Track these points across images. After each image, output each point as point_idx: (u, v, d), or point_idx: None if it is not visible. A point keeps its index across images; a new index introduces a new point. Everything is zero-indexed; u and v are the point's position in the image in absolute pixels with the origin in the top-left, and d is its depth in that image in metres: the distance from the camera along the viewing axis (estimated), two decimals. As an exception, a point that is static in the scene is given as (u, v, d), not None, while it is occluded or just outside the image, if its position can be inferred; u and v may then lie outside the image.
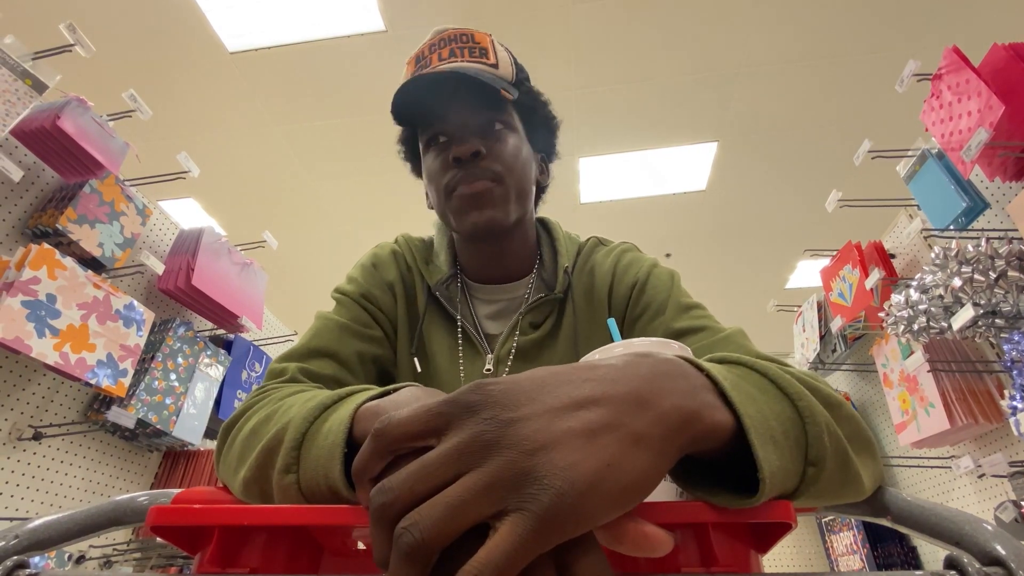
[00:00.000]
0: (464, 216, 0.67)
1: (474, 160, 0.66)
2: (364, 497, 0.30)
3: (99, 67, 2.93)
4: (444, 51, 0.68)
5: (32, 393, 1.64)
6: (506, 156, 0.68)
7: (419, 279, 0.77)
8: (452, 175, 0.67)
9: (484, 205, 0.66)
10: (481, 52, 0.69)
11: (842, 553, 2.37)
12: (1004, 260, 1.35)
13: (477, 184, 0.66)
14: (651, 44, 2.95)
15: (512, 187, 0.68)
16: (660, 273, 0.73)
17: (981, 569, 0.30)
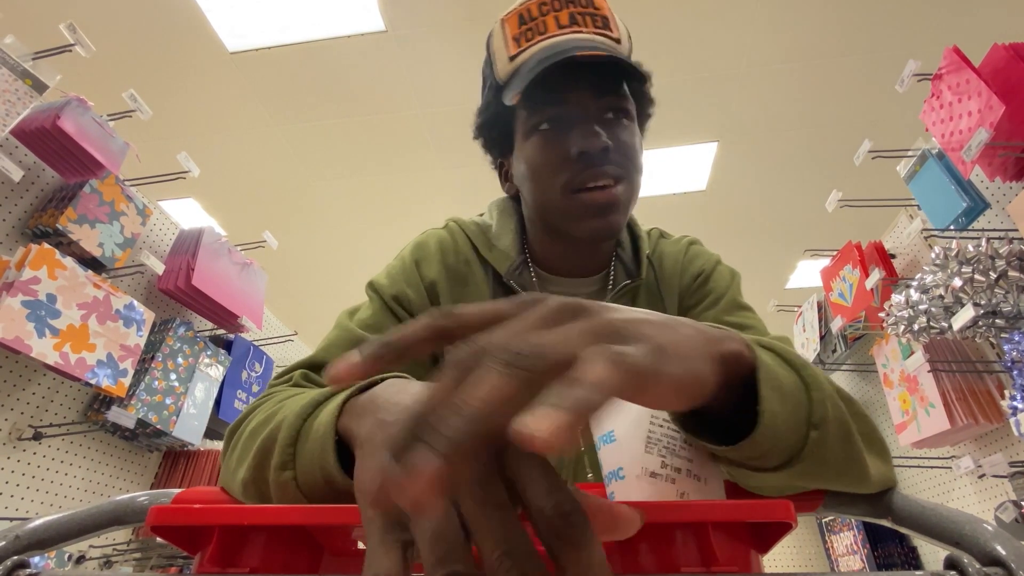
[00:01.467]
0: (583, 222, 0.60)
1: (603, 157, 0.58)
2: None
3: (99, 67, 2.93)
4: (562, 15, 0.58)
5: (32, 393, 1.64)
6: (630, 151, 0.62)
7: (479, 267, 0.68)
8: (574, 172, 0.58)
9: (609, 212, 0.59)
10: (604, 22, 0.59)
11: (842, 553, 2.37)
12: (1004, 260, 1.35)
13: (609, 192, 0.59)
14: (651, 44, 2.95)
15: (634, 187, 0.63)
16: (723, 269, 0.72)
17: (981, 569, 0.30)
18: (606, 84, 0.59)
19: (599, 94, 0.59)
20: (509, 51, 0.60)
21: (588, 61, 0.54)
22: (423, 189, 3.96)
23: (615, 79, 0.59)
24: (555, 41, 0.57)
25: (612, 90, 0.59)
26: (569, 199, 0.60)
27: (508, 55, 0.60)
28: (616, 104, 0.60)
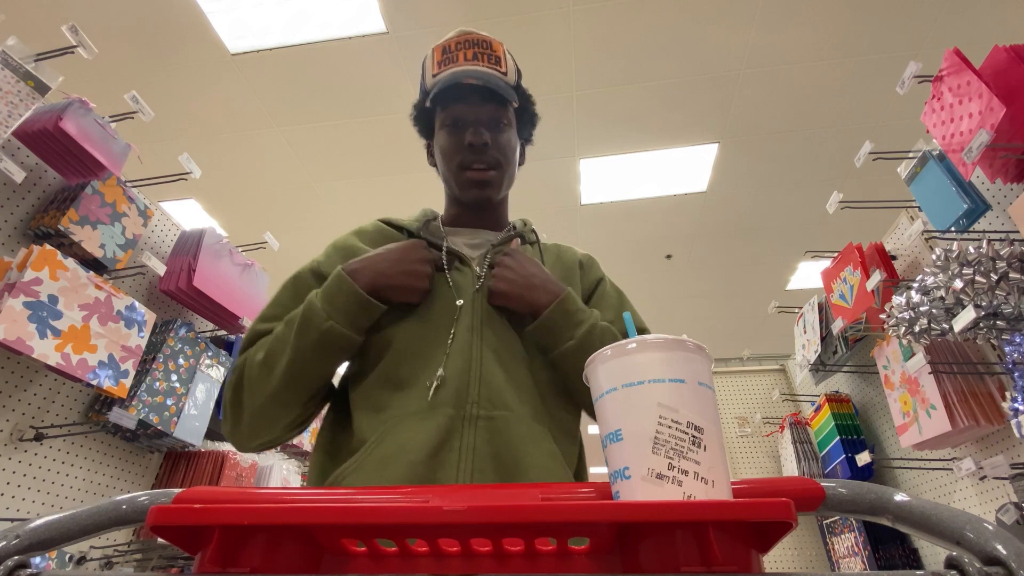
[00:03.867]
0: (468, 191, 0.89)
1: (483, 149, 0.86)
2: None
3: (101, 69, 2.94)
4: (468, 52, 0.87)
5: (33, 394, 1.64)
6: (505, 147, 0.89)
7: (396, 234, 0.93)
8: (464, 156, 0.87)
9: (485, 187, 0.89)
10: (496, 60, 0.88)
11: (843, 555, 2.36)
12: (1005, 262, 1.35)
13: (485, 173, 0.88)
14: (652, 45, 2.96)
15: (506, 172, 0.90)
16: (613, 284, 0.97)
17: (982, 569, 0.30)
18: (488, 100, 0.87)
19: (489, 109, 0.87)
20: (433, 71, 0.88)
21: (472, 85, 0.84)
22: (423, 190, 3.97)
23: (500, 101, 0.87)
24: (460, 69, 0.85)
25: (492, 104, 0.87)
26: (460, 175, 0.89)
27: (432, 73, 0.88)
28: (496, 114, 0.87)
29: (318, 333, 0.71)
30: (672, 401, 0.37)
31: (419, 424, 0.68)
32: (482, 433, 0.69)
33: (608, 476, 0.40)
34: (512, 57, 0.92)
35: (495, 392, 0.72)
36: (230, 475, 2.04)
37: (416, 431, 0.68)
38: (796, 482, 0.43)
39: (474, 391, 0.72)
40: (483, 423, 0.69)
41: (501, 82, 0.85)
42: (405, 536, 0.37)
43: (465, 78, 0.82)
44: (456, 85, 0.83)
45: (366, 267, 0.76)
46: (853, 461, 2.21)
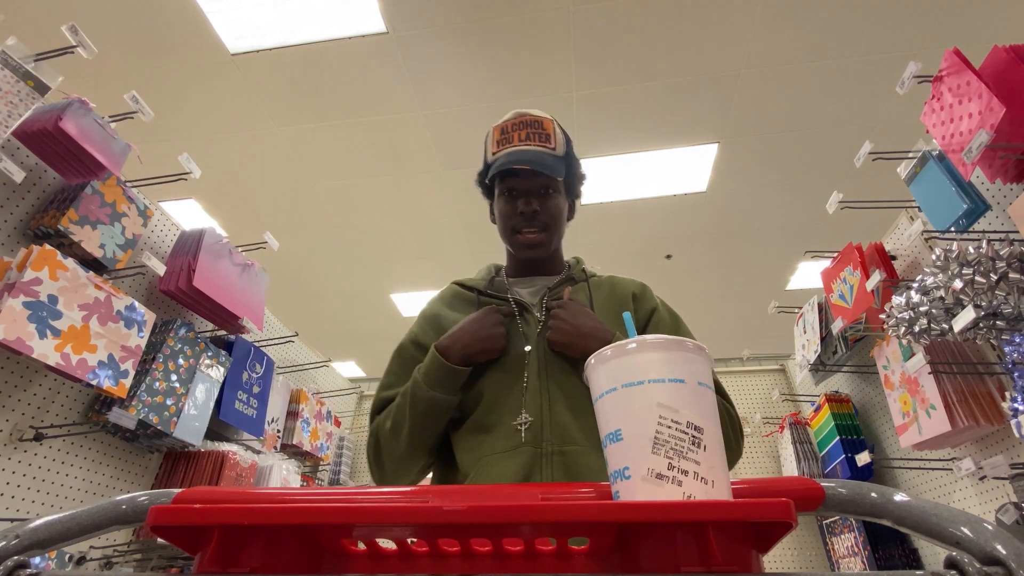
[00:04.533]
0: (521, 251, 1.06)
1: (533, 217, 1.02)
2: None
3: (101, 68, 2.94)
4: (522, 133, 1.02)
5: (33, 394, 1.64)
6: (553, 211, 1.04)
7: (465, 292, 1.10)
8: (517, 220, 1.03)
9: (535, 248, 1.05)
10: (546, 138, 1.02)
11: (843, 555, 2.36)
12: (1005, 262, 1.35)
13: (532, 236, 1.03)
14: (652, 45, 2.96)
15: (553, 233, 1.06)
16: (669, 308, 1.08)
17: (981, 569, 0.30)
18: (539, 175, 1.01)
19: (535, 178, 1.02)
20: (492, 148, 1.05)
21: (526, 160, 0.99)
22: (424, 190, 3.97)
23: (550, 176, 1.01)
24: (514, 150, 1.01)
25: (543, 177, 1.01)
26: (513, 238, 1.05)
27: (492, 151, 1.05)
28: (545, 184, 1.02)
29: (425, 403, 0.89)
30: (672, 401, 0.37)
31: (507, 461, 0.84)
32: (558, 467, 0.82)
33: (608, 476, 0.40)
34: (562, 130, 1.06)
35: (564, 430, 0.85)
36: (230, 475, 2.04)
37: (505, 467, 0.83)
38: (796, 482, 0.43)
39: (547, 430, 0.85)
40: (557, 458, 0.83)
41: (549, 159, 0.99)
42: (405, 536, 0.37)
43: (517, 163, 0.98)
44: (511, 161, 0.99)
45: (454, 343, 0.91)
46: (853, 461, 2.21)
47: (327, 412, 2.93)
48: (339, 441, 3.25)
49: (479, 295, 1.06)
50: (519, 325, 0.98)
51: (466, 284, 1.11)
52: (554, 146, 1.02)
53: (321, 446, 2.82)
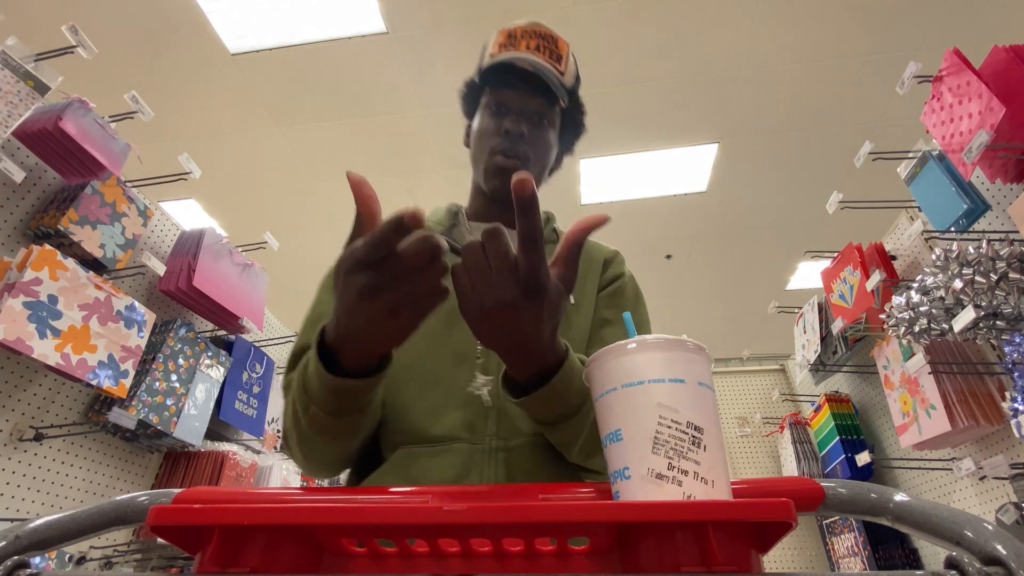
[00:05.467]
0: (492, 178, 0.85)
1: (518, 140, 0.82)
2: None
3: (101, 69, 2.94)
4: (532, 42, 0.85)
5: (33, 394, 1.64)
6: (540, 145, 0.85)
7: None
8: (498, 141, 0.84)
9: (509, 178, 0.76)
10: (557, 58, 0.85)
11: (843, 555, 2.37)
12: (1005, 262, 1.35)
13: (511, 161, 0.83)
14: (651, 45, 2.96)
15: (534, 169, 0.86)
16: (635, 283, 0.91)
17: (981, 569, 0.30)
18: (537, 93, 0.83)
19: (532, 97, 0.84)
20: (492, 51, 0.86)
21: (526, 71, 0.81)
22: (424, 190, 3.97)
23: (545, 92, 0.83)
24: (518, 55, 0.82)
25: (540, 98, 0.84)
26: (490, 159, 0.84)
27: (491, 53, 0.86)
28: (541, 109, 0.84)
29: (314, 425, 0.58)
30: (672, 401, 0.37)
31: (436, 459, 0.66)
32: (501, 466, 0.66)
33: (608, 476, 0.40)
34: (575, 61, 0.89)
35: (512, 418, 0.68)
36: (230, 475, 2.04)
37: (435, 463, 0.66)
38: (796, 482, 0.43)
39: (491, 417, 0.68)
40: (502, 455, 0.67)
41: (555, 78, 0.82)
42: (405, 536, 0.37)
43: (520, 62, 0.80)
44: (510, 67, 0.81)
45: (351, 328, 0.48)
46: (853, 461, 2.21)
47: (327, 412, 2.93)
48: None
49: None
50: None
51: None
52: (563, 71, 0.85)
53: (321, 446, 2.82)
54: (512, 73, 0.82)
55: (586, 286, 0.85)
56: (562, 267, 0.49)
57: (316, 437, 0.60)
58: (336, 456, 0.65)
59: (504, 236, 0.45)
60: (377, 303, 0.44)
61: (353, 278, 0.44)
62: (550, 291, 0.47)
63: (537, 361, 0.52)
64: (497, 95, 0.86)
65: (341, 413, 0.57)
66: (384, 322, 0.46)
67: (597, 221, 0.48)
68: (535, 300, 0.46)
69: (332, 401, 0.55)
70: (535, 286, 0.45)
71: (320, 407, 0.56)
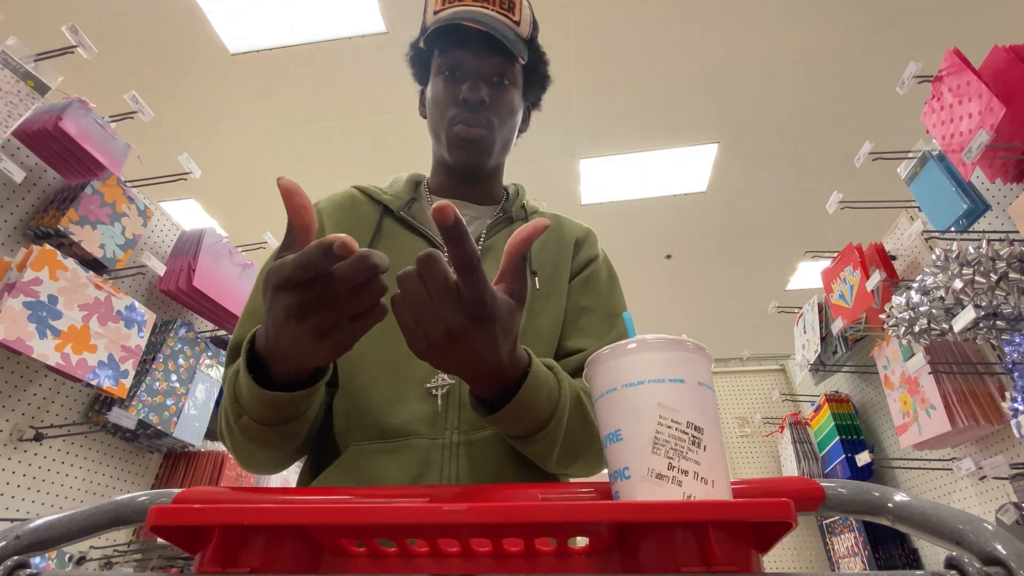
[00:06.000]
0: (456, 151, 0.77)
1: (479, 106, 0.75)
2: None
3: (101, 69, 2.94)
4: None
5: (33, 394, 1.64)
6: (503, 109, 0.78)
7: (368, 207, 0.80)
8: (457, 112, 0.76)
9: (474, 148, 0.77)
10: (509, 6, 0.76)
11: (843, 555, 2.37)
12: (1005, 262, 1.35)
13: (475, 130, 0.75)
14: (651, 45, 2.95)
15: (500, 137, 0.79)
16: (609, 264, 0.85)
17: (981, 569, 0.30)
18: (493, 51, 0.75)
19: (492, 62, 0.75)
20: (435, 7, 0.77)
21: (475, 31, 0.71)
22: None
23: (507, 54, 0.74)
24: (464, 9, 0.73)
25: (497, 56, 0.75)
26: (450, 130, 0.77)
27: (434, 10, 0.77)
28: (500, 68, 0.76)
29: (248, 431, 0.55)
30: (672, 401, 0.37)
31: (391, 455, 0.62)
32: (464, 461, 0.61)
33: (608, 476, 0.40)
34: (530, 7, 0.80)
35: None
36: (230, 475, 2.04)
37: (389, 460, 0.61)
38: (796, 482, 0.43)
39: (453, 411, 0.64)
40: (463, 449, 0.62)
41: (511, 32, 0.74)
42: (405, 536, 0.37)
43: (467, 19, 0.70)
44: (457, 28, 0.72)
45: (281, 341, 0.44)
46: (853, 461, 2.21)
47: (327, 412, 2.93)
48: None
49: (385, 214, 0.78)
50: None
51: (371, 194, 0.80)
52: (518, 19, 0.76)
53: (321, 446, 2.82)
54: (461, 32, 0.73)
55: (558, 269, 0.79)
56: (510, 281, 0.46)
57: (250, 444, 0.57)
58: (274, 459, 0.63)
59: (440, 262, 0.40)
60: (306, 324, 0.41)
61: (280, 296, 0.41)
62: (499, 312, 0.44)
63: (498, 379, 0.49)
64: (448, 58, 0.77)
65: (275, 423, 0.54)
66: (314, 343, 0.42)
67: (537, 230, 0.44)
68: (485, 325, 0.43)
69: (264, 412, 0.52)
70: (481, 311, 0.42)
71: (252, 417, 0.53)
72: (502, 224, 0.80)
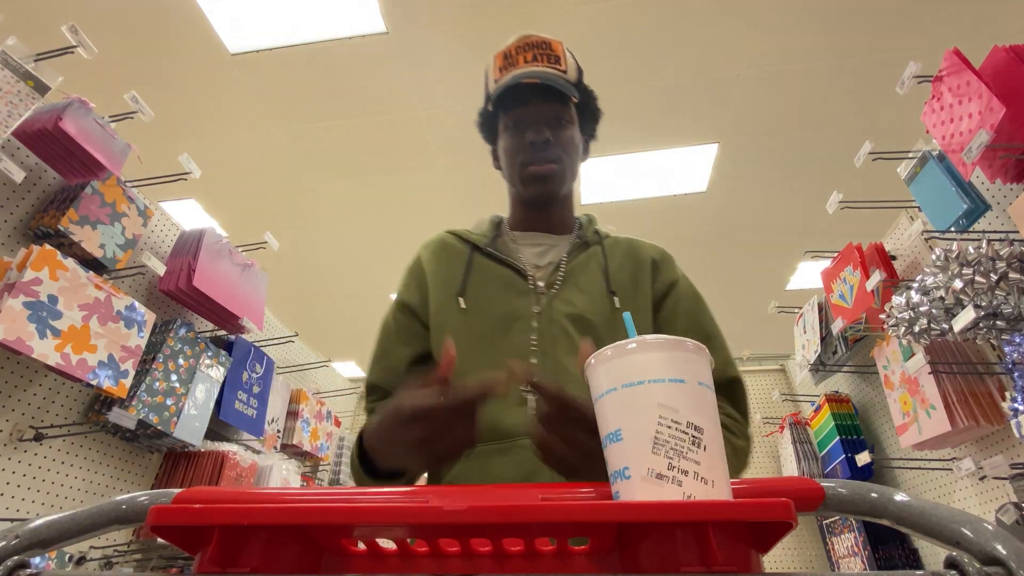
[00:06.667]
0: (530, 186, 0.90)
1: (544, 146, 0.88)
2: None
3: (101, 68, 2.94)
4: (528, 55, 0.89)
5: (33, 394, 1.64)
6: (566, 143, 0.90)
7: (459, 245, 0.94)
8: (527, 155, 0.89)
9: (547, 182, 0.90)
10: (555, 60, 0.89)
11: (843, 555, 2.36)
12: (1005, 262, 1.35)
13: (546, 167, 0.88)
14: (651, 45, 2.95)
15: (567, 167, 0.91)
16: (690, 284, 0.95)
17: (981, 569, 0.30)
18: (549, 100, 0.88)
19: (550, 107, 0.88)
20: (495, 76, 0.91)
21: (532, 84, 0.86)
22: (424, 190, 3.96)
23: (561, 97, 0.88)
24: (519, 72, 0.87)
25: (559, 104, 0.89)
26: (523, 171, 0.90)
27: (494, 79, 0.91)
28: (556, 112, 0.89)
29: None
30: (672, 401, 0.37)
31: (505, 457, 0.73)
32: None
33: (608, 476, 0.40)
34: (573, 55, 0.93)
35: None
36: (230, 475, 2.04)
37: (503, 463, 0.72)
38: (796, 482, 0.43)
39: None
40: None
41: (560, 79, 0.87)
42: (405, 536, 0.37)
43: (524, 78, 0.85)
44: (516, 86, 0.86)
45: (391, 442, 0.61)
46: (853, 461, 2.21)
47: (327, 412, 2.93)
48: (339, 441, 3.25)
49: (474, 251, 0.92)
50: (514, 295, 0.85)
51: (461, 235, 0.95)
52: (565, 69, 0.89)
53: (321, 446, 2.82)
54: (520, 90, 0.87)
55: (638, 288, 0.87)
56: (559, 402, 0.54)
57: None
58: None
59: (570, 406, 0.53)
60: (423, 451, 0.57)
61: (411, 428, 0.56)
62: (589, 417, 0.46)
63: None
64: (513, 115, 0.90)
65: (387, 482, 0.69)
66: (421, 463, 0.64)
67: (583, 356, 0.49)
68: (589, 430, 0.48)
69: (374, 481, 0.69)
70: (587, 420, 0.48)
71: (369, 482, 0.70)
72: (579, 250, 0.92)
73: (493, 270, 0.89)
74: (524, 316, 0.83)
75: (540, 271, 0.89)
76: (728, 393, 0.82)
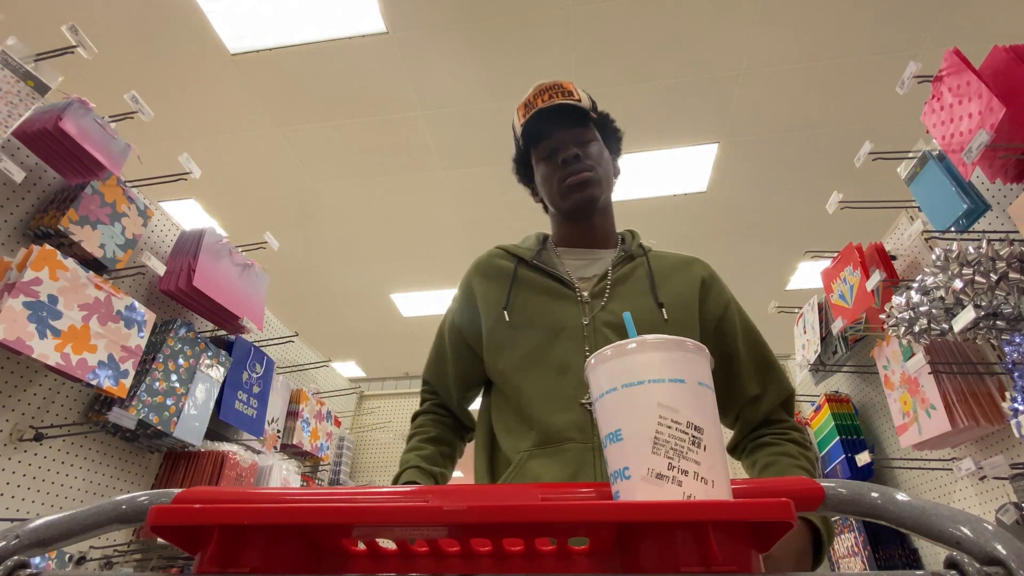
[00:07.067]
0: (569, 197, 0.95)
1: (575, 160, 0.94)
2: None
3: (101, 69, 2.94)
4: (545, 96, 0.97)
5: (33, 394, 1.64)
6: (595, 153, 0.97)
7: (505, 260, 1.00)
8: (561, 172, 0.95)
9: (585, 187, 0.95)
10: (568, 93, 0.97)
11: (843, 555, 2.36)
12: (1005, 262, 1.35)
13: (581, 175, 0.94)
14: (651, 45, 2.95)
15: (602, 175, 0.97)
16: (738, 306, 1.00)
17: (981, 569, 0.30)
18: (570, 125, 0.97)
19: (572, 129, 0.97)
20: (520, 121, 0.99)
21: (554, 115, 0.94)
22: (423, 190, 3.96)
23: (580, 119, 0.97)
24: (540, 109, 0.95)
25: (580, 125, 0.97)
26: (561, 187, 0.96)
27: (520, 123, 0.99)
28: (580, 134, 0.97)
29: None
30: (672, 401, 0.37)
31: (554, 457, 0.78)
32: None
33: (608, 476, 0.40)
34: (586, 93, 1.02)
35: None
36: (230, 475, 2.04)
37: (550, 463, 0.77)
38: (796, 482, 0.43)
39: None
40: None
41: (576, 103, 0.95)
42: (405, 536, 0.37)
43: (544, 111, 0.94)
44: (539, 121, 0.95)
45: None
46: (853, 461, 2.21)
47: (327, 412, 2.93)
48: (339, 441, 3.25)
49: (519, 264, 0.97)
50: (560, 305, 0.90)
51: (508, 249, 1.02)
52: (579, 99, 0.97)
53: (321, 446, 2.82)
54: (542, 123, 0.95)
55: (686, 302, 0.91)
56: None
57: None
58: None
59: None
60: None
61: None
62: None
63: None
64: (542, 148, 0.99)
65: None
66: None
67: None
68: None
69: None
70: None
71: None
72: (624, 261, 0.97)
73: (538, 281, 0.95)
74: (571, 326, 0.87)
75: (585, 283, 0.94)
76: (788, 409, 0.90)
